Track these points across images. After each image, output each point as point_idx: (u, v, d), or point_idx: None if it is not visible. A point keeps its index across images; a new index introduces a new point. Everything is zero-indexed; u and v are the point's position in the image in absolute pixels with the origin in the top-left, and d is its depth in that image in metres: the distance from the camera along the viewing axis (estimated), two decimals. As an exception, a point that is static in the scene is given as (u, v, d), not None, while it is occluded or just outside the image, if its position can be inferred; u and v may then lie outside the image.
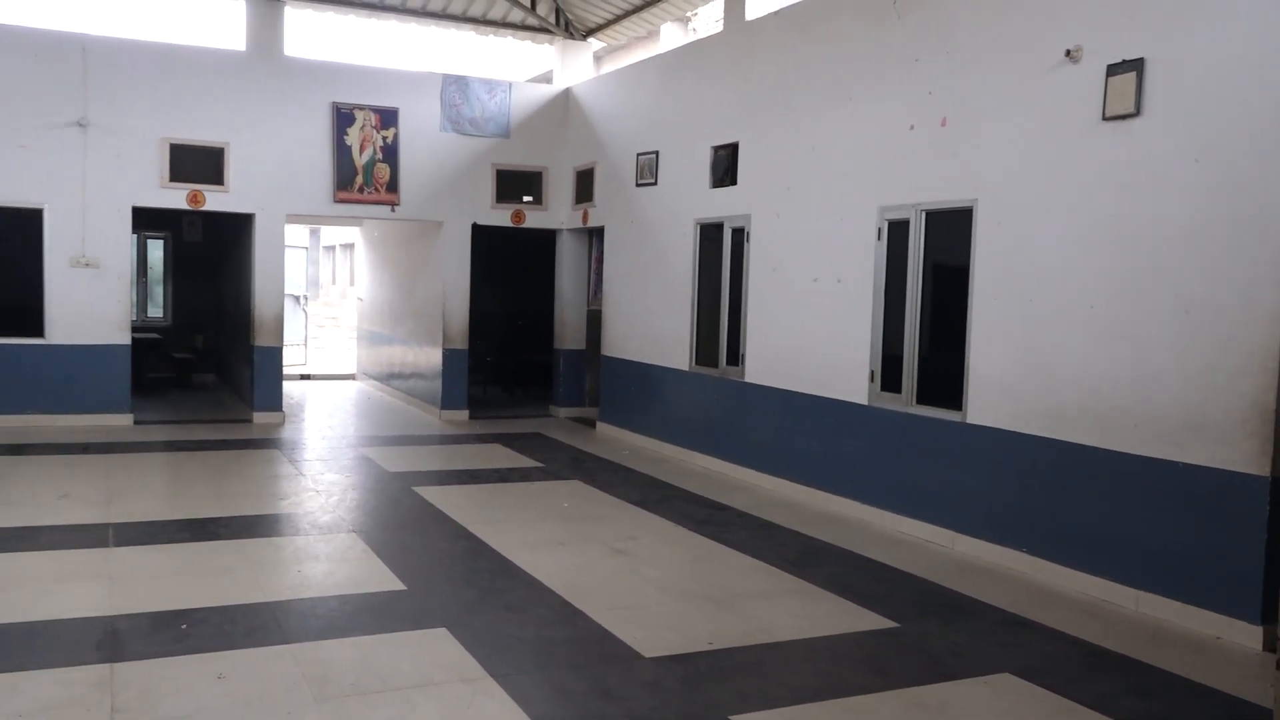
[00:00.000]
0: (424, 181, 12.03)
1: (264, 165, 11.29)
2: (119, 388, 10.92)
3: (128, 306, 10.99)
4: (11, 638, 4.74)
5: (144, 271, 15.26)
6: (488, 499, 8.17)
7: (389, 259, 14.92)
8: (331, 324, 25.75)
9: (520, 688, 4.36)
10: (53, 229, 10.52)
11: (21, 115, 10.32)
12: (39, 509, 7.18)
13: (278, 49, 11.39)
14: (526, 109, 12.52)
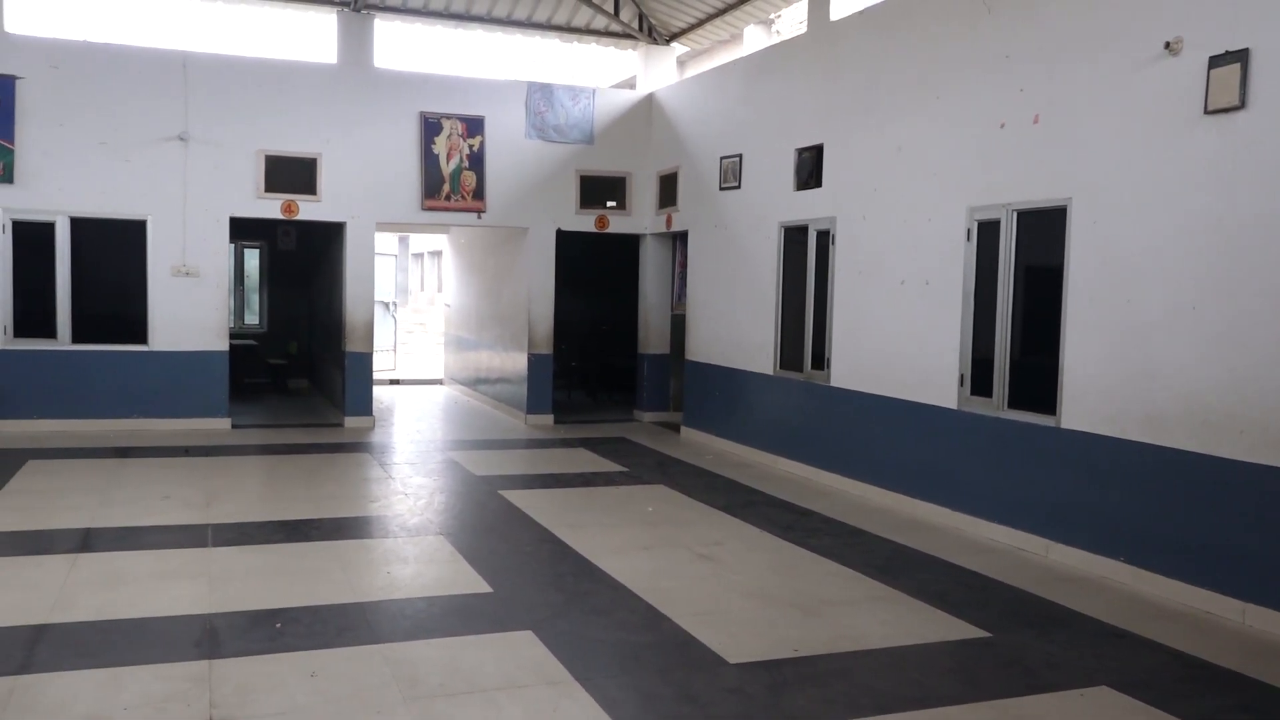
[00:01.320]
0: (509, 188, 12.17)
1: (354, 175, 11.56)
2: (218, 393, 11.27)
3: (226, 314, 11.34)
4: (117, 633, 4.92)
5: (241, 280, 15.73)
6: (572, 503, 8.21)
7: (475, 265, 15.13)
8: (420, 330, 26.19)
9: (605, 692, 4.36)
10: (156, 239, 10.92)
11: (127, 131, 10.74)
12: (143, 509, 7.44)
13: (368, 61, 11.65)
14: (610, 115, 12.58)
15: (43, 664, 4.50)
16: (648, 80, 13.13)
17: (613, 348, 15.16)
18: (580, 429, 12.12)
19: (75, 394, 10.74)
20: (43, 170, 10.50)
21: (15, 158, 10.37)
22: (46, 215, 10.57)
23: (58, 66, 10.50)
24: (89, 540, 6.55)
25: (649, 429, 12.31)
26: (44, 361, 10.65)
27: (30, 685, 4.25)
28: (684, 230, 11.94)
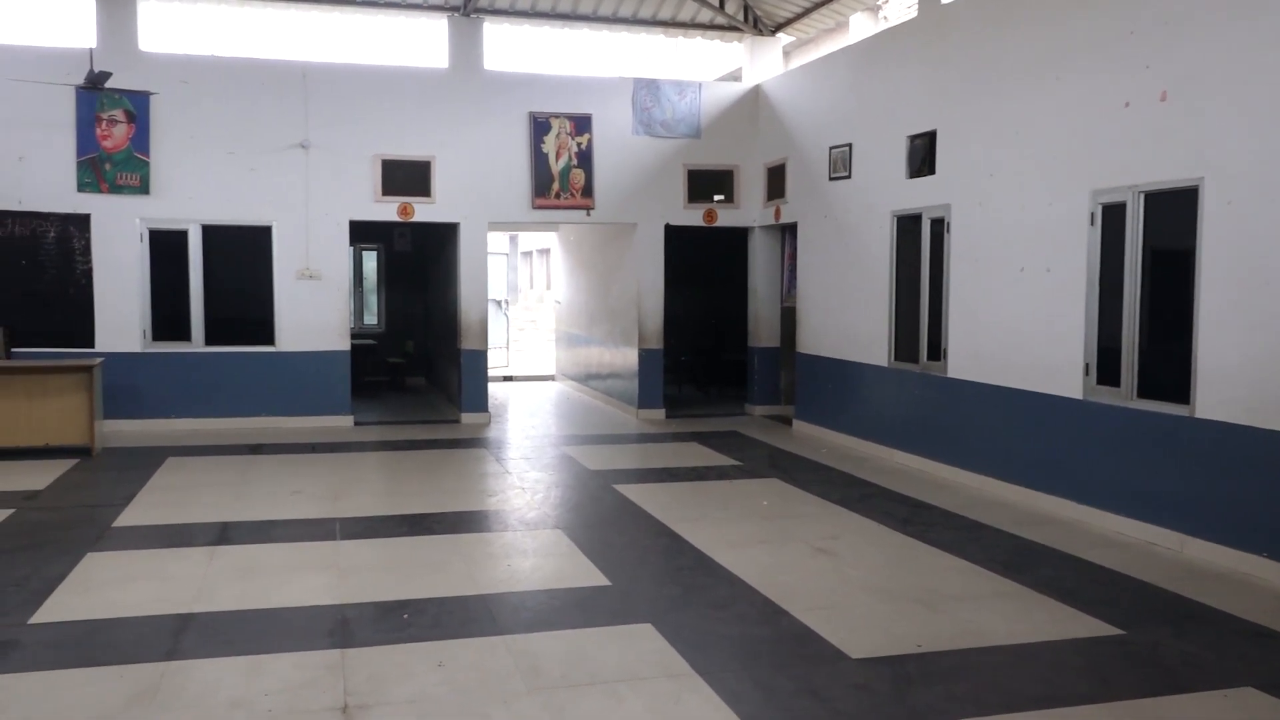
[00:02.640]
0: (617, 185, 12.26)
1: (467, 176, 11.80)
2: (341, 391, 11.65)
3: (347, 315, 11.71)
4: (256, 623, 5.13)
5: (359, 282, 16.20)
6: (687, 497, 8.23)
7: (585, 262, 15.28)
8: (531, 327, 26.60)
9: (726, 685, 4.37)
10: (280, 244, 11.35)
11: (252, 140, 11.18)
12: (275, 504, 7.75)
13: (478, 64, 11.87)
14: (716, 108, 12.56)
15: (189, 651, 4.73)
16: (754, 72, 13.05)
17: (722, 341, 15.13)
18: (692, 423, 12.14)
19: (209, 394, 11.25)
20: (176, 181, 11.01)
21: (151, 170, 10.90)
22: (180, 224, 11.09)
23: (188, 81, 10.99)
24: (226, 533, 6.85)
25: (760, 423, 12.25)
26: (180, 363, 11.18)
27: (178, 671, 4.48)
28: (793, 222, 11.83)
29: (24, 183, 10.66)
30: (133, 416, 10.91)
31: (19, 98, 10.50)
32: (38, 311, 10.76)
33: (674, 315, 13.25)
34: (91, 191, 10.80)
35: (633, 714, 4.11)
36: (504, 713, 4.10)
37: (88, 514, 7.35)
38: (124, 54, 10.73)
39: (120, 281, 10.95)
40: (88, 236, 10.86)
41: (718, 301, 15.39)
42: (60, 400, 9.48)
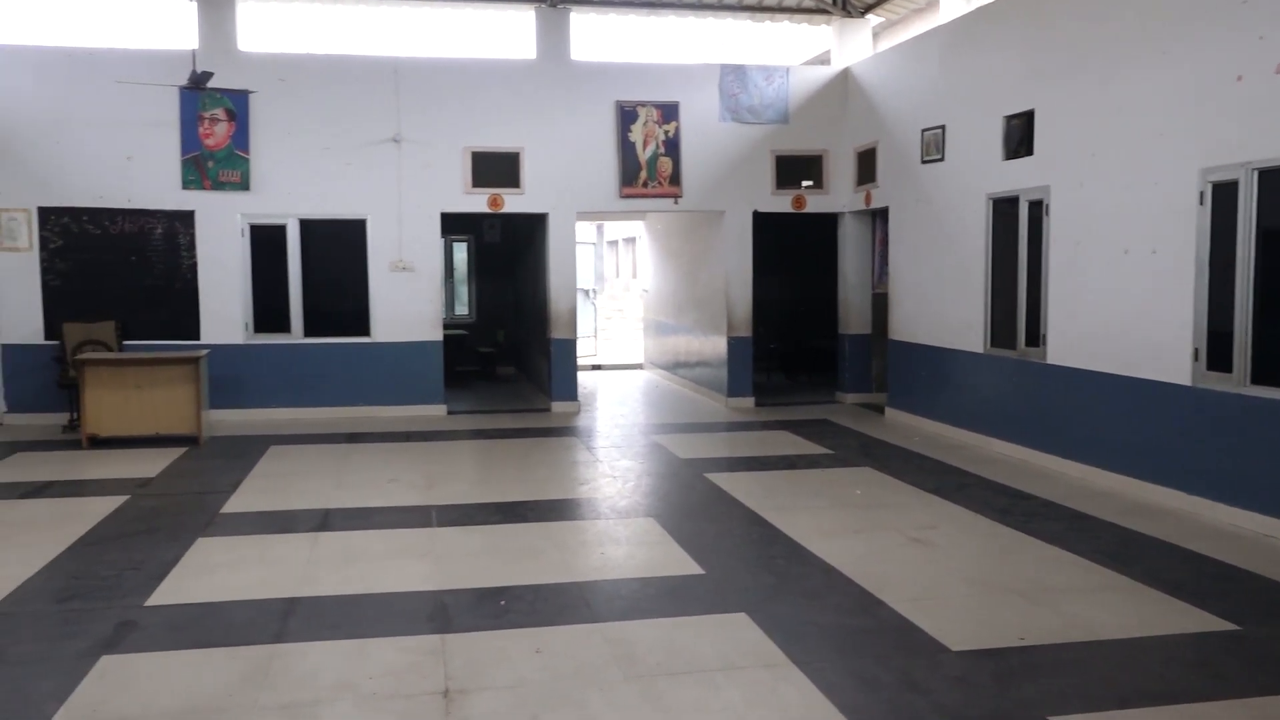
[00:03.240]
0: (705, 172, 12.21)
1: (554, 166, 11.88)
2: (434, 381, 11.86)
3: (439, 306, 11.91)
4: (358, 607, 5.26)
5: (450, 273, 16.46)
6: (778, 485, 8.17)
7: (672, 250, 15.26)
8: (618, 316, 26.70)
9: (823, 676, 4.33)
10: (374, 237, 11.59)
11: (347, 136, 11.43)
12: (373, 491, 7.92)
13: (565, 54, 11.93)
14: (804, 92, 12.41)
15: (295, 634, 4.87)
16: (842, 55, 12.85)
17: (812, 329, 14.98)
18: (781, 411, 12.05)
19: (308, 384, 11.55)
20: (274, 177, 11.32)
21: (251, 166, 11.22)
22: (278, 219, 11.40)
23: (284, 79, 11.27)
24: (328, 520, 7.03)
25: (852, 411, 12.10)
26: (280, 354, 11.50)
27: (286, 653, 4.61)
28: (884, 206, 11.64)
29: (132, 181, 11.07)
30: (236, 406, 11.27)
31: (126, 99, 10.89)
32: (147, 305, 11.19)
33: (762, 302, 13.15)
34: (195, 189, 11.17)
35: (729, 703, 4.10)
36: (601, 700, 4.12)
37: (197, 500, 7.62)
38: (224, 54, 11.05)
39: (223, 275, 11.32)
40: (192, 232, 11.24)
41: (806, 288, 15.24)
42: (169, 391, 9.84)
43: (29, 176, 10.91)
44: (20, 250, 10.96)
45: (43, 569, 5.88)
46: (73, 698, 4.14)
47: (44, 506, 7.51)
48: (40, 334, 11.01)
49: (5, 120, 10.84)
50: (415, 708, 4.06)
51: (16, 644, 4.76)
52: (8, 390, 11.06)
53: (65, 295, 11.05)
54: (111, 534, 6.65)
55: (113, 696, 4.16)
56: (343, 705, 4.08)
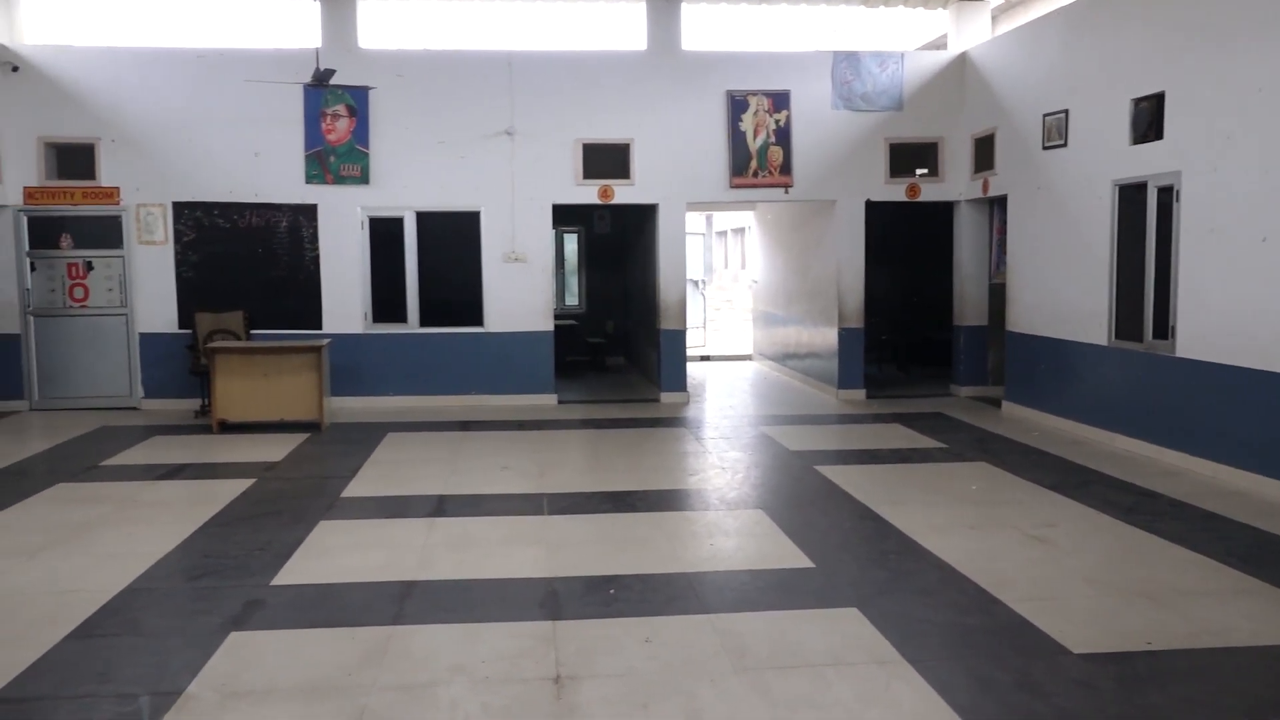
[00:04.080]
0: (816, 161, 12.06)
1: (665, 157, 11.89)
2: (545, 371, 12.02)
3: (550, 296, 12.05)
4: (471, 592, 5.37)
5: (561, 263, 16.64)
6: (890, 479, 8.04)
7: (782, 241, 15.13)
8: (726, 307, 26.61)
9: (937, 675, 4.24)
10: (488, 228, 11.80)
11: (461, 129, 11.65)
12: (485, 479, 8.08)
13: (675, 45, 11.92)
14: (919, 78, 12.14)
15: (412, 616, 5.00)
16: (960, 39, 12.52)
17: (925, 320, 14.68)
18: (893, 404, 11.85)
19: (423, 372, 11.84)
20: (392, 170, 11.61)
21: (370, 161, 11.54)
22: (396, 211, 11.70)
23: (402, 75, 11.54)
24: (442, 506, 7.20)
25: (967, 404, 11.82)
26: (397, 344, 11.81)
27: (404, 635, 4.74)
28: (1002, 194, 11.31)
29: (259, 176, 11.51)
30: (355, 394, 11.63)
31: (254, 98, 11.32)
32: (272, 296, 11.62)
33: (874, 293, 12.95)
34: (318, 183, 11.54)
35: (840, 699, 4.06)
36: (711, 691, 4.12)
37: (319, 484, 7.88)
38: (345, 52, 11.38)
39: (343, 267, 11.68)
40: (315, 225, 11.62)
41: (919, 279, 14.94)
42: (293, 379, 10.20)
43: (165, 173, 11.44)
44: (157, 244, 11.51)
45: (177, 547, 6.18)
46: (204, 671, 4.33)
47: (178, 488, 7.88)
48: (174, 323, 11.55)
49: (145, 120, 11.38)
50: (527, 692, 4.13)
51: (154, 618, 5.01)
52: (145, 377, 11.63)
53: (197, 286, 11.56)
54: (240, 515, 6.94)
55: (241, 671, 4.35)
56: (457, 687, 4.17)
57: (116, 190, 11.43)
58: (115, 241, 11.51)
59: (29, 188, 11.33)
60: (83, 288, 11.53)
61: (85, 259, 11.51)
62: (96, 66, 11.33)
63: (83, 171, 11.41)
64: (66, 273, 11.51)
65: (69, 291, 11.53)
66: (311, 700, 4.06)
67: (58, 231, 11.50)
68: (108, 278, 11.54)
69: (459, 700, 4.06)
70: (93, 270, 11.53)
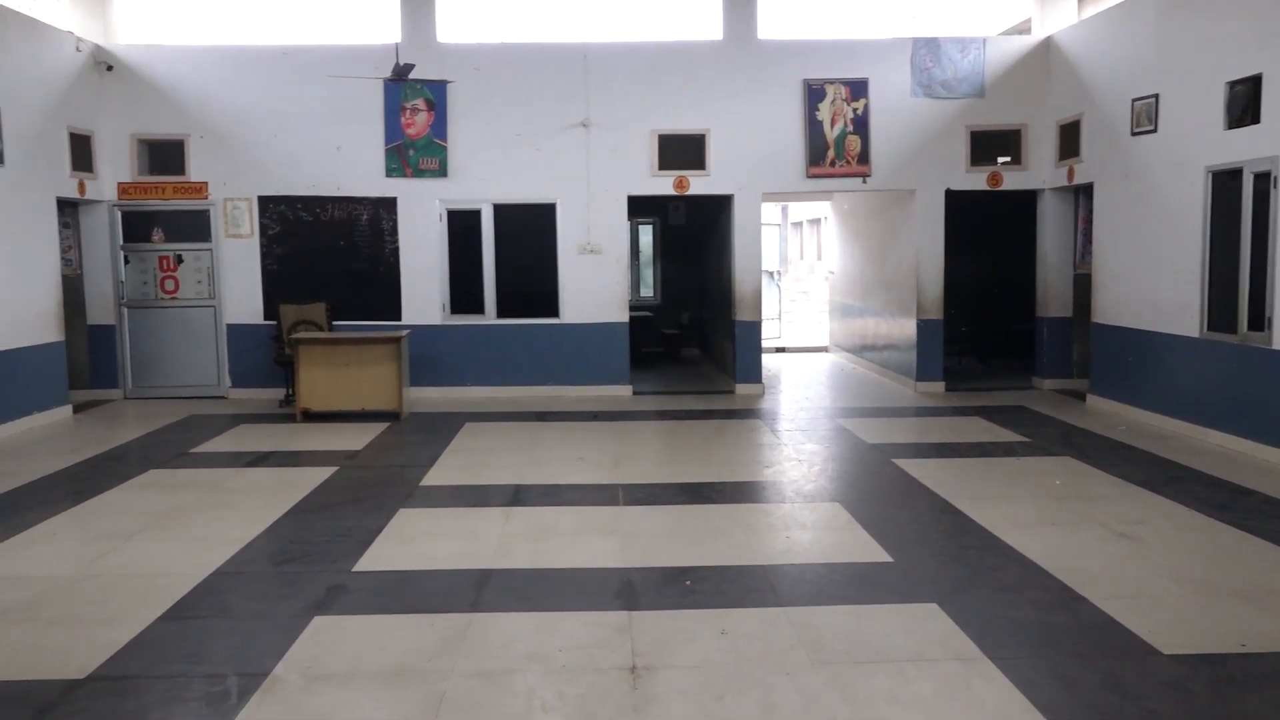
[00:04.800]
0: (895, 150, 11.88)
1: (740, 147, 11.82)
2: (620, 362, 12.06)
3: (626, 288, 12.08)
4: (548, 581, 5.41)
5: (636, 255, 16.66)
6: (970, 473, 7.89)
7: (859, 231, 14.94)
8: (802, 298, 26.38)
9: (1021, 673, 4.16)
10: (564, 220, 11.86)
11: (538, 121, 11.73)
12: (561, 469, 8.13)
13: (751, 34, 11.82)
14: (1002, 64, 11.87)
15: (489, 604, 5.05)
16: (1045, 23, 12.21)
17: (1007, 311, 14.38)
18: (974, 396, 11.63)
19: (500, 363, 11.97)
20: (469, 163, 11.74)
21: (448, 154, 11.69)
22: (473, 204, 11.83)
23: (479, 68, 11.65)
24: (519, 495, 7.27)
25: (1049, 397, 11.55)
26: (474, 335, 11.95)
27: (482, 622, 4.80)
28: (1088, 182, 11.01)
29: (341, 170, 11.73)
30: (433, 384, 11.80)
31: (336, 93, 11.53)
32: (353, 288, 11.85)
33: (953, 284, 12.72)
34: (397, 176, 11.72)
35: (920, 695, 4.00)
36: (788, 684, 4.10)
37: (399, 473, 8.02)
38: (424, 47, 11.52)
39: (422, 259, 11.85)
40: (394, 218, 11.81)
41: (1000, 269, 14.64)
42: (374, 369, 10.38)
43: (251, 168, 11.72)
44: (243, 237, 11.81)
45: (263, 532, 6.34)
46: (289, 654, 4.44)
47: (264, 475, 8.08)
48: (260, 314, 11.85)
49: (232, 116, 11.67)
50: (603, 682, 4.14)
51: (242, 601, 5.15)
52: (232, 366, 11.95)
53: (281, 278, 11.84)
54: (323, 502, 7.10)
55: (324, 655, 4.44)
56: (534, 675, 4.21)
57: (205, 185, 11.75)
58: (204, 235, 11.83)
59: (123, 183, 11.71)
60: (173, 280, 11.89)
61: (176, 252, 11.87)
62: (186, 65, 11.65)
63: (173, 167, 11.76)
64: (158, 265, 11.88)
65: (160, 284, 11.89)
66: (392, 685, 4.13)
67: (150, 226, 11.87)
68: (197, 270, 11.87)
69: (536, 688, 4.10)
70: (183, 263, 11.87)
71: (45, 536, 6.33)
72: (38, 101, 10.34)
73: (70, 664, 4.35)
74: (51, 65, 10.65)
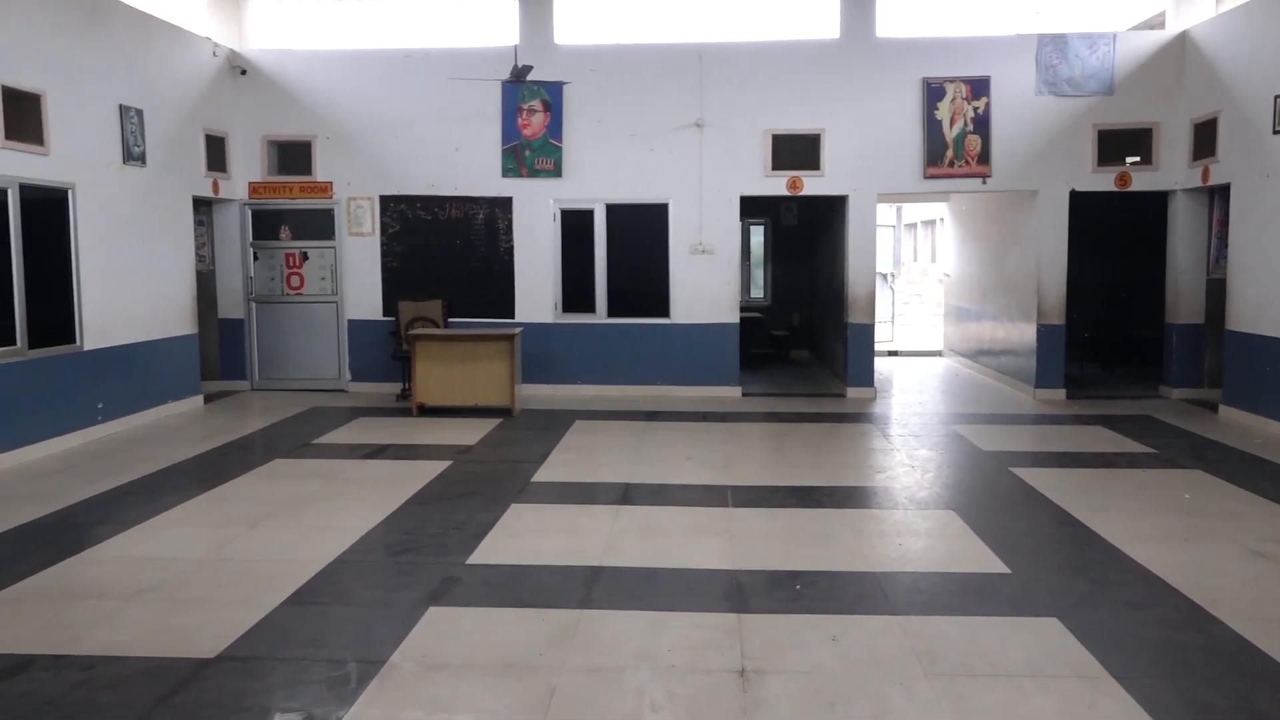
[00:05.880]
0: (1017, 150, 11.56)
1: (856, 147, 11.66)
2: (730, 363, 12.02)
3: (737, 289, 12.03)
4: (657, 580, 5.43)
5: (747, 255, 16.58)
6: (1092, 484, 7.62)
7: (977, 233, 14.58)
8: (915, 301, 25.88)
9: (1148, 694, 4.00)
10: (676, 220, 11.89)
11: (652, 122, 11.79)
12: (670, 469, 8.14)
13: (869, 32, 11.65)
14: (1132, 60, 11.43)
15: (599, 601, 5.09)
16: (1180, 18, 11.70)
17: (1132, 316, 13.85)
18: (1096, 405, 11.23)
19: (610, 362, 12.06)
20: (584, 163, 11.86)
21: (563, 154, 11.83)
22: (587, 204, 11.95)
23: (594, 70, 11.76)
24: (628, 494, 7.31)
25: (1178, 407, 11.07)
26: (585, 333, 12.07)
27: (591, 619, 4.84)
28: (1225, 183, 10.52)
29: (459, 171, 11.98)
30: (545, 381, 11.96)
31: (456, 95, 11.79)
32: (469, 285, 12.10)
33: (1076, 288, 12.30)
34: (513, 176, 11.92)
35: (1039, 712, 3.88)
36: (900, 696, 4.02)
37: (511, 468, 8.15)
38: (541, 49, 11.68)
39: (536, 258, 12.02)
40: (509, 217, 12.01)
41: (1126, 272, 14.11)
42: (487, 365, 10.58)
43: (373, 168, 12.07)
44: (364, 235, 12.17)
45: (381, 523, 6.52)
46: (405, 643, 4.55)
47: (382, 467, 8.31)
48: (379, 311, 12.19)
49: (356, 118, 12.04)
50: (713, 684, 4.14)
51: (360, 589, 5.30)
52: (352, 361, 12.32)
53: (400, 275, 12.16)
54: (437, 495, 7.26)
55: (439, 646, 4.54)
56: (643, 674, 4.22)
57: (330, 185, 12.15)
58: (328, 233, 12.24)
59: (253, 183, 12.19)
60: (299, 276, 12.32)
61: (301, 249, 12.30)
62: (314, 68, 12.07)
63: (300, 167, 12.19)
64: (284, 262, 12.33)
65: (286, 280, 12.35)
66: (505, 677, 4.20)
67: (277, 224, 12.33)
68: (321, 267, 12.28)
69: (645, 687, 4.11)
70: (308, 260, 12.30)
71: (179, 520, 6.63)
72: (177, 104, 10.84)
73: (202, 643, 4.55)
74: (190, 70, 11.15)
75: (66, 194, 9.01)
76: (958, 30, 12.50)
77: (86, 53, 9.28)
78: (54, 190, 8.85)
